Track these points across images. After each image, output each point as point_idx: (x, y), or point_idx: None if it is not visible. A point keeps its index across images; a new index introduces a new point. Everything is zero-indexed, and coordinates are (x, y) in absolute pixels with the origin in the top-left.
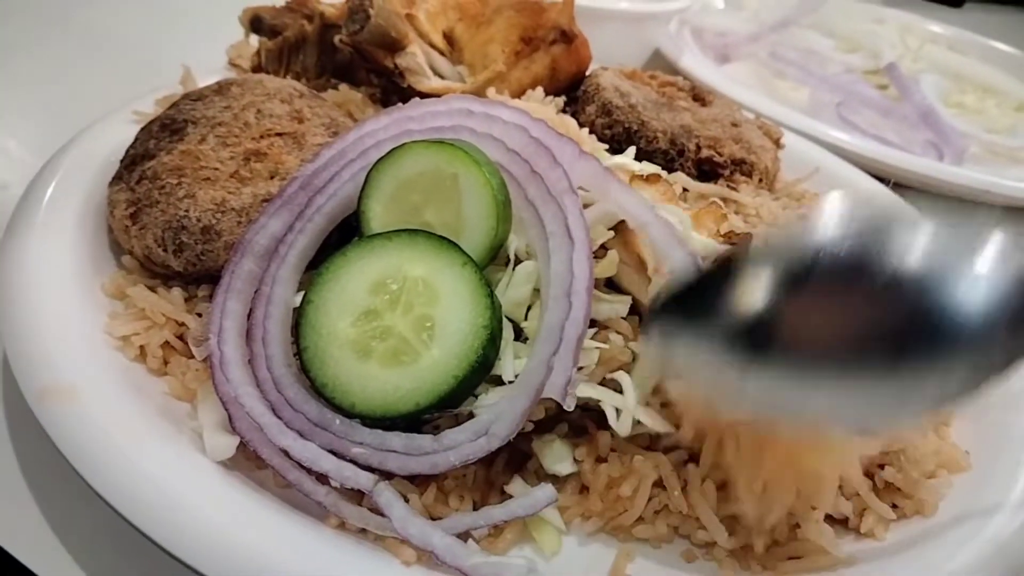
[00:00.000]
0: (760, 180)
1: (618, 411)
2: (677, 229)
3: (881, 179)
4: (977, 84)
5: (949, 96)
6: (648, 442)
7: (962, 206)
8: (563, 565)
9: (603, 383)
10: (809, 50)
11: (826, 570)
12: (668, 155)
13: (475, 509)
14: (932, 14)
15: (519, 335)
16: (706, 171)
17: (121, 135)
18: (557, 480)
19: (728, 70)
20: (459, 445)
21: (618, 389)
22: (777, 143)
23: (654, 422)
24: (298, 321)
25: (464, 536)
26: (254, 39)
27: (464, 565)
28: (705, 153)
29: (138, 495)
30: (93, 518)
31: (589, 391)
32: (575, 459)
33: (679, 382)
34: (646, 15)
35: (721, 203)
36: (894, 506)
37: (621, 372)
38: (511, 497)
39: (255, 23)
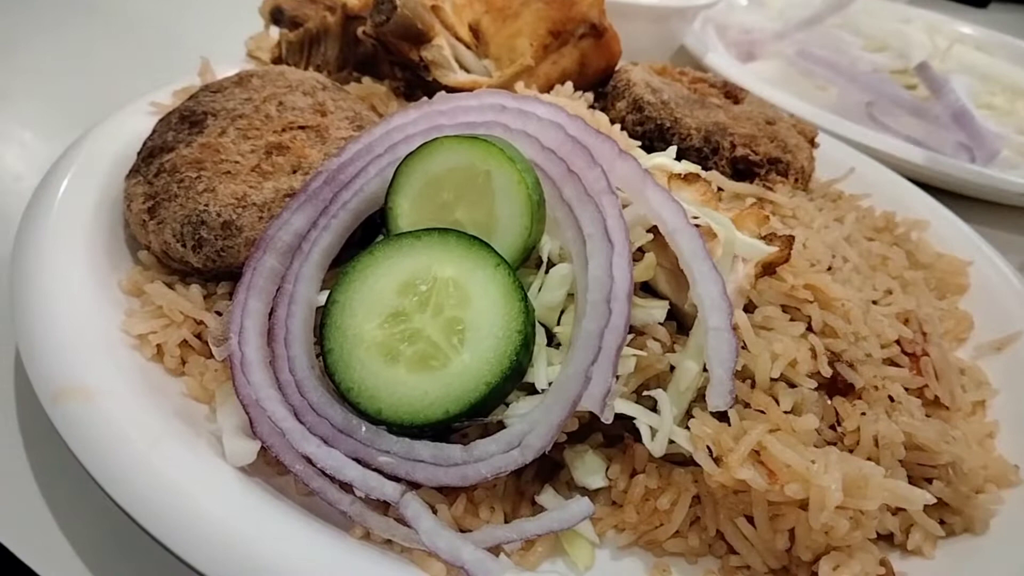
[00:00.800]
0: (796, 180)
1: (653, 430)
2: (704, 242)
3: (916, 182)
4: (1006, 85)
5: (979, 97)
6: (683, 458)
7: (996, 209)
8: None
9: (639, 394)
10: (836, 49)
11: None
12: (702, 153)
13: (505, 521)
14: (957, 14)
15: (551, 340)
16: (741, 170)
17: (138, 127)
18: (587, 492)
19: (754, 68)
20: (490, 457)
21: (654, 406)
22: (812, 142)
23: (689, 444)
24: (322, 322)
25: (495, 550)
26: (274, 31)
27: None
28: (740, 151)
29: (153, 501)
30: (107, 524)
31: (624, 407)
32: (607, 475)
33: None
34: (672, 11)
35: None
36: (942, 522)
37: (659, 390)
38: (542, 508)
39: (275, 14)
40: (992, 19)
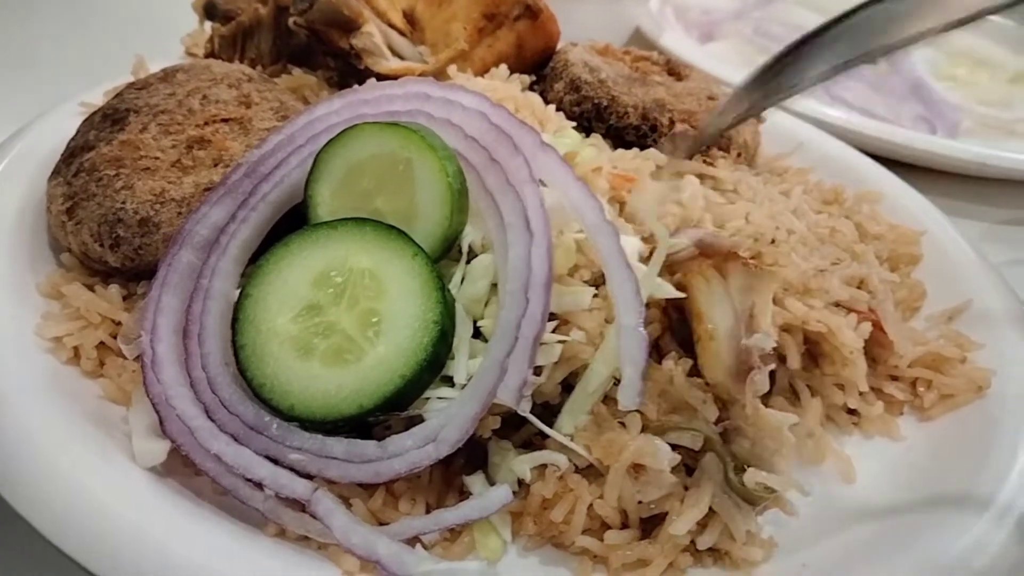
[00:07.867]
0: (739, 155)
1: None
2: (624, 242)
3: (874, 155)
4: (969, 56)
5: (941, 69)
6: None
7: (957, 181)
8: (521, 570)
9: (564, 384)
10: (795, 25)
11: None
12: (640, 131)
13: (428, 512)
14: None
15: (478, 334)
16: None
17: (67, 128)
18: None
19: (711, 48)
20: (405, 452)
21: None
22: (757, 116)
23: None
24: (235, 316)
25: (413, 542)
26: (208, 26)
27: (412, 574)
28: (679, 128)
29: (56, 506)
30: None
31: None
32: (519, 479)
33: None
34: None
35: (696, 179)
36: None
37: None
38: (471, 496)
39: (209, 9)
40: None
